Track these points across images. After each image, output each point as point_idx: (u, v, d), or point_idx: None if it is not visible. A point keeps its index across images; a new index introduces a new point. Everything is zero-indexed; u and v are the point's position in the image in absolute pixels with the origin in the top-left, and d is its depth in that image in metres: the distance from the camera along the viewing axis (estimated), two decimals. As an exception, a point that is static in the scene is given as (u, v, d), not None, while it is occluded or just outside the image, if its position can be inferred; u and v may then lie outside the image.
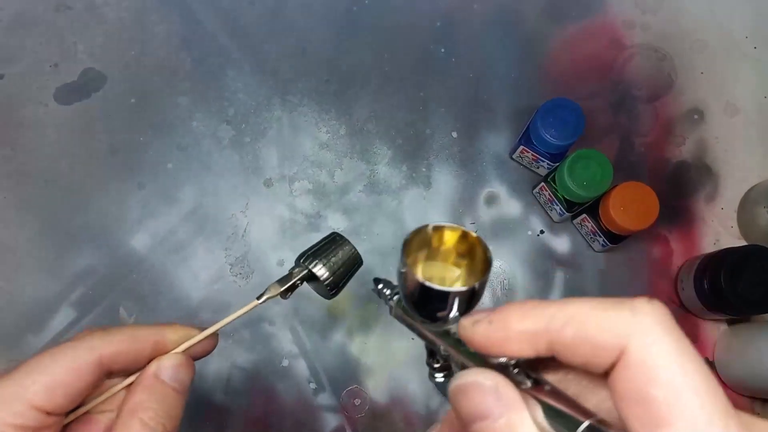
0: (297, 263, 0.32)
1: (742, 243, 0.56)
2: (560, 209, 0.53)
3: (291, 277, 0.31)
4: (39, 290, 0.53)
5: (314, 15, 0.60)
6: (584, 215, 0.54)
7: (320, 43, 0.60)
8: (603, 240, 0.53)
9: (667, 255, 0.57)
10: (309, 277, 0.31)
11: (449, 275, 0.25)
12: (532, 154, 0.54)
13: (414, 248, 0.24)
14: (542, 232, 0.57)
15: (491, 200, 0.57)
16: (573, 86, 0.59)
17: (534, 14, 0.61)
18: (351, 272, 0.32)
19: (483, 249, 0.24)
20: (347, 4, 0.60)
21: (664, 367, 0.17)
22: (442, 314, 0.23)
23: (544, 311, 0.20)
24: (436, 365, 0.25)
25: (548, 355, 0.20)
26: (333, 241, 0.32)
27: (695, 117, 0.59)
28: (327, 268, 0.31)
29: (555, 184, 0.52)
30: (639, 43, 0.61)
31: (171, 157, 0.57)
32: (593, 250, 0.56)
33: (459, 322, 0.22)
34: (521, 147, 0.54)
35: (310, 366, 0.53)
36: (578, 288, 0.56)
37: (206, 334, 0.29)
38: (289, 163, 0.57)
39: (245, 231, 0.56)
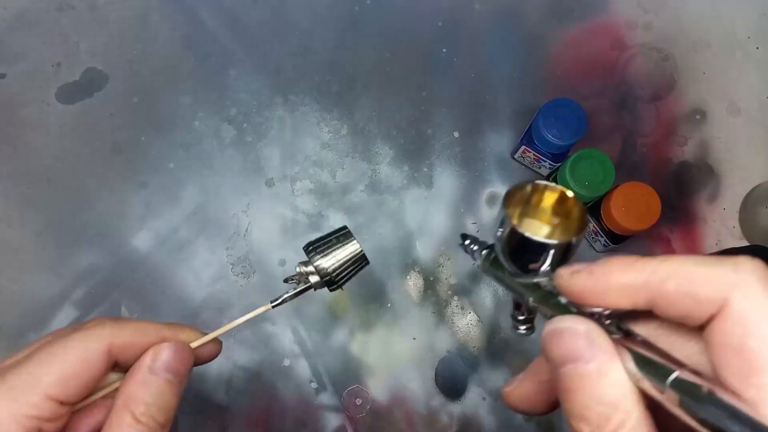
0: (306, 253, 0.31)
1: (744, 243, 0.56)
2: (562, 209, 0.53)
3: (304, 282, 0.31)
4: (41, 289, 0.53)
5: (317, 15, 0.60)
6: (586, 215, 0.54)
7: (322, 43, 0.60)
8: (605, 240, 0.53)
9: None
10: (320, 279, 0.31)
11: (541, 232, 0.26)
12: (534, 154, 0.54)
13: (513, 202, 0.25)
14: (544, 232, 0.57)
15: (493, 200, 0.57)
16: (575, 86, 0.59)
17: (536, 14, 0.61)
18: (356, 272, 0.32)
19: (580, 208, 0.25)
20: (349, 4, 0.60)
21: (764, 321, 0.18)
22: (535, 266, 0.24)
23: (646, 265, 0.20)
24: (521, 317, 0.26)
25: (646, 309, 0.20)
26: (344, 236, 0.32)
27: (697, 117, 0.59)
28: (333, 269, 0.31)
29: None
30: (641, 43, 0.60)
31: (173, 157, 0.57)
32: (595, 251, 0.56)
33: (557, 272, 0.22)
34: (523, 147, 0.54)
35: (312, 365, 0.53)
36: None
37: (217, 334, 0.29)
38: (291, 163, 0.57)
39: (247, 230, 0.56)
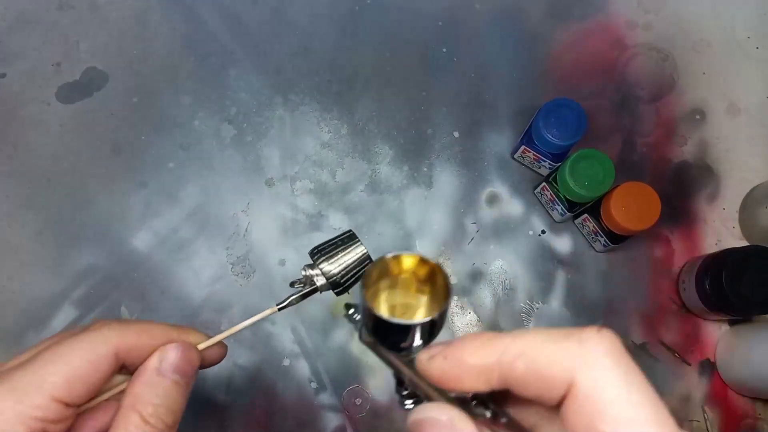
0: (312, 257, 0.31)
1: (744, 243, 0.56)
2: (562, 209, 0.53)
3: (310, 285, 0.30)
4: (41, 288, 0.53)
5: (317, 15, 0.60)
6: (586, 215, 0.54)
7: (322, 43, 0.60)
8: (604, 240, 0.53)
9: (669, 255, 0.57)
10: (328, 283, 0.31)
11: (414, 302, 0.25)
12: (534, 154, 0.54)
13: (375, 279, 0.24)
14: (543, 232, 0.57)
15: (493, 200, 0.57)
16: (575, 86, 0.59)
17: (536, 14, 0.61)
18: (360, 276, 0.32)
19: (443, 276, 0.23)
20: (349, 4, 0.60)
21: (611, 401, 0.17)
22: (405, 345, 0.23)
23: (498, 345, 0.20)
24: (404, 392, 0.25)
25: (502, 389, 0.20)
26: (350, 239, 0.31)
27: (697, 117, 0.59)
28: (340, 274, 0.30)
29: (556, 184, 0.52)
30: (641, 43, 0.61)
31: (173, 157, 0.57)
32: (594, 251, 0.56)
33: (417, 357, 0.22)
34: (523, 147, 0.54)
35: (311, 365, 0.53)
36: (579, 288, 0.56)
37: (223, 336, 0.29)
38: (291, 163, 0.57)
39: (247, 230, 0.56)
